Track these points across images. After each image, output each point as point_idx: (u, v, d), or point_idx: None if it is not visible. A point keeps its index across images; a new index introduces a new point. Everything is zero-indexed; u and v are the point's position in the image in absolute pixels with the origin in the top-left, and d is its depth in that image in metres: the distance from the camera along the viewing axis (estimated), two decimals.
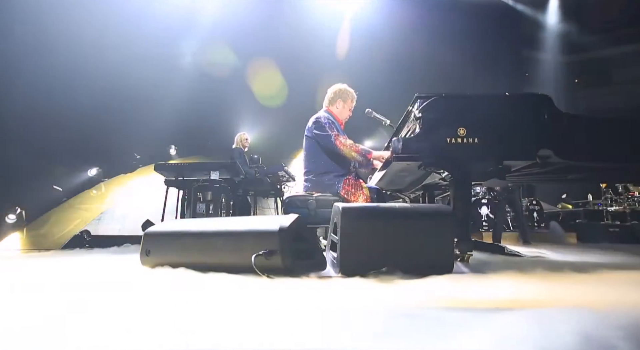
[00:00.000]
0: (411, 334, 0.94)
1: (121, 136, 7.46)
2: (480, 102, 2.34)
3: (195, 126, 8.57)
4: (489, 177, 2.45)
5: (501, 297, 1.41)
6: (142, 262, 2.14)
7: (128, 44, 7.35)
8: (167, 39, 8.18)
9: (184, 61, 8.60)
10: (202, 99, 8.72)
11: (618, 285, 1.69)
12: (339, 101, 3.03)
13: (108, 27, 7.17)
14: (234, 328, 1.01)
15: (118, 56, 7.25)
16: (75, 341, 0.92)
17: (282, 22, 9.01)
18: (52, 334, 0.97)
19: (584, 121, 2.38)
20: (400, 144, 2.20)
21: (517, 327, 0.92)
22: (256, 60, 8.72)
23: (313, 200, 2.78)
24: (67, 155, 6.99)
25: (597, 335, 0.83)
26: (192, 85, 8.44)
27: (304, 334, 0.93)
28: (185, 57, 8.62)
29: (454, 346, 0.85)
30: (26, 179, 6.24)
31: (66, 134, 6.64)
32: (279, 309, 1.23)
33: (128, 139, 7.62)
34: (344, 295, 1.47)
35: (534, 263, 2.50)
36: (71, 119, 6.66)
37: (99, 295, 1.53)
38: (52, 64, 6.54)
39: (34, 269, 2.62)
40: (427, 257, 1.86)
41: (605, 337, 0.82)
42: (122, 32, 7.19)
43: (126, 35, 7.22)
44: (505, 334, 0.88)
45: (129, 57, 7.46)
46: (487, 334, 0.89)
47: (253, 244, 1.83)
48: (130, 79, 7.54)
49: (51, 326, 1.04)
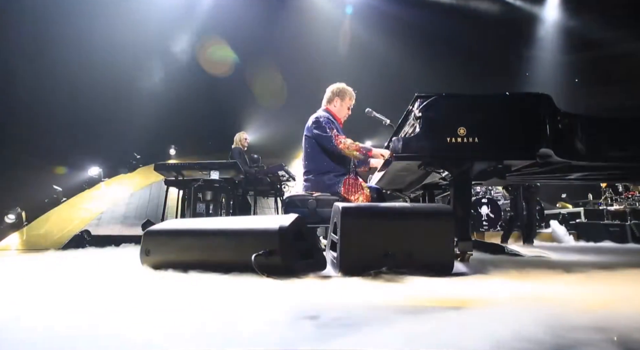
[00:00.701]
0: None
1: (121, 136, 7.47)
2: (480, 101, 2.34)
3: (195, 126, 8.58)
4: (489, 176, 2.45)
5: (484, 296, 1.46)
6: (142, 261, 2.14)
7: (128, 45, 7.35)
8: (167, 37, 8.19)
9: (184, 60, 8.60)
10: (203, 98, 8.73)
11: (597, 285, 1.69)
12: (336, 100, 3.04)
13: (109, 28, 7.17)
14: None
15: (118, 57, 7.25)
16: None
17: (282, 20, 9.01)
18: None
19: (584, 121, 2.38)
20: (400, 144, 2.20)
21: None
22: (256, 60, 8.71)
23: (313, 199, 2.77)
24: (67, 155, 6.99)
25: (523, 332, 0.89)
26: (192, 85, 8.45)
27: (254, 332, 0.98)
28: (185, 57, 8.62)
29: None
30: (26, 179, 6.24)
31: (66, 134, 6.64)
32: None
33: (128, 139, 7.63)
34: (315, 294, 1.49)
35: (533, 263, 2.51)
36: (71, 118, 6.66)
37: (90, 294, 1.53)
38: (52, 64, 6.54)
39: (29, 269, 2.62)
40: (427, 257, 1.86)
41: (534, 333, 0.90)
42: (123, 32, 7.19)
43: (127, 35, 7.22)
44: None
45: (129, 58, 7.46)
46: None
47: (253, 243, 1.83)
48: (130, 79, 7.55)
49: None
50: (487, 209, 6.62)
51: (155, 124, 7.67)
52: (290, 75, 8.76)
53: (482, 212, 6.62)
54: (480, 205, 6.64)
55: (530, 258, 3.10)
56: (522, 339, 0.86)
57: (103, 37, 7.06)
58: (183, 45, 8.49)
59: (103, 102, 7.12)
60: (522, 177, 2.89)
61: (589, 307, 1.20)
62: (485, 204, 6.65)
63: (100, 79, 7.04)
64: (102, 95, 7.09)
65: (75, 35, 6.80)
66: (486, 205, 6.64)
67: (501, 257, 3.18)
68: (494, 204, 6.72)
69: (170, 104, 7.98)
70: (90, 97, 6.92)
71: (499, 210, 6.71)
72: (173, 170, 4.38)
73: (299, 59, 8.91)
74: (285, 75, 8.83)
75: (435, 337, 0.91)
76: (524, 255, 3.23)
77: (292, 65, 8.80)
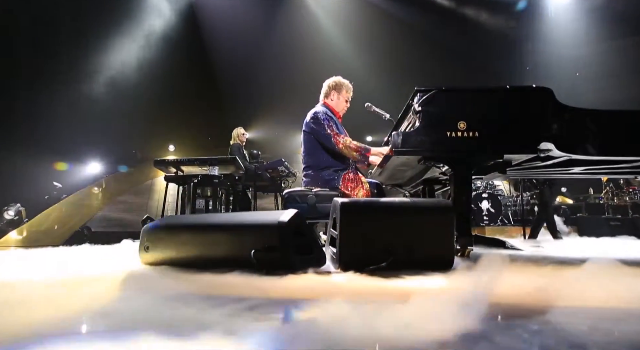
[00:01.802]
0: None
1: (121, 133, 7.45)
2: (480, 95, 2.31)
3: (194, 123, 8.56)
4: (489, 171, 2.43)
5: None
6: (141, 257, 2.13)
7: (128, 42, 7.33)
8: (168, 37, 8.15)
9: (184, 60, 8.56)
10: (202, 96, 8.70)
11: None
12: (333, 93, 3.03)
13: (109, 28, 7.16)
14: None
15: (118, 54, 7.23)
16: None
17: (282, 14, 8.96)
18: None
19: (585, 114, 2.35)
20: (400, 138, 2.18)
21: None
22: (256, 54, 8.67)
23: (312, 195, 2.76)
24: (67, 151, 6.98)
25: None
26: (191, 83, 8.42)
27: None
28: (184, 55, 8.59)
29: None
30: (26, 176, 6.24)
31: (66, 132, 6.63)
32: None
33: (128, 136, 7.62)
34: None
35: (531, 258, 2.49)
36: (71, 116, 6.64)
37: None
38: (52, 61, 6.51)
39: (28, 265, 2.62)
40: (428, 252, 1.85)
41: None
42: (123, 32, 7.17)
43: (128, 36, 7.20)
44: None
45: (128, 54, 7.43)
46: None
47: (252, 239, 1.82)
48: (130, 77, 7.52)
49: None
50: (488, 203, 6.61)
51: (154, 120, 7.65)
52: (291, 70, 8.72)
53: (482, 206, 6.61)
54: (481, 200, 6.63)
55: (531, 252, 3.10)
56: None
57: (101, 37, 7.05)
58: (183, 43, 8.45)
59: (103, 100, 7.10)
60: (523, 172, 2.87)
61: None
62: (486, 199, 6.64)
63: (100, 76, 7.03)
64: (103, 93, 7.08)
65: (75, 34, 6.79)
66: (487, 200, 6.63)
67: (502, 251, 3.17)
68: (495, 198, 6.71)
69: (170, 101, 7.96)
70: (90, 95, 6.90)
71: (499, 205, 6.70)
72: (172, 166, 4.37)
73: (299, 53, 8.87)
74: (285, 70, 8.80)
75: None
76: (525, 250, 3.23)
77: (292, 60, 8.76)
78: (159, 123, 7.86)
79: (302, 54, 8.90)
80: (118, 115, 7.17)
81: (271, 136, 9.14)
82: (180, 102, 8.18)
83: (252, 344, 0.88)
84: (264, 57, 8.70)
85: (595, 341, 0.91)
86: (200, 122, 8.59)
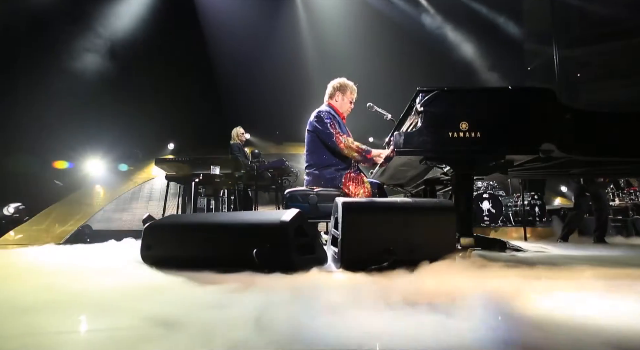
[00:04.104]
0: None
1: (122, 132, 7.45)
2: (482, 95, 2.32)
3: (195, 122, 8.55)
4: (491, 171, 2.43)
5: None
6: (143, 256, 2.13)
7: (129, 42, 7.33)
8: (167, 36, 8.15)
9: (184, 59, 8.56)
10: (203, 95, 8.70)
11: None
12: (338, 94, 3.05)
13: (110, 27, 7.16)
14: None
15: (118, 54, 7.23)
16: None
17: (284, 14, 8.96)
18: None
19: (587, 115, 2.35)
20: (402, 139, 2.19)
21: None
22: (258, 56, 8.67)
23: (314, 194, 2.76)
24: (68, 149, 6.98)
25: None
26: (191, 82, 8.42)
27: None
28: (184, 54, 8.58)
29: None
30: (27, 174, 6.24)
31: (67, 130, 6.63)
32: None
33: (128, 135, 7.61)
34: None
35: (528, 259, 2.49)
36: (71, 115, 6.65)
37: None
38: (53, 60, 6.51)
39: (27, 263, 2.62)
40: (429, 253, 1.85)
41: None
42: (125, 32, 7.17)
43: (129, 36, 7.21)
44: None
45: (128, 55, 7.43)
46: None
47: (254, 238, 1.82)
48: (130, 76, 7.52)
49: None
50: (489, 204, 6.61)
51: (155, 119, 7.65)
52: (294, 70, 8.72)
53: (483, 207, 6.61)
54: (482, 201, 6.63)
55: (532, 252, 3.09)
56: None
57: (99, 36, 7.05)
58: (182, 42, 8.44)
59: (104, 99, 7.10)
60: (524, 172, 2.87)
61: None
62: (487, 199, 6.64)
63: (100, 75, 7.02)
64: (103, 92, 7.08)
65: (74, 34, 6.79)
66: (487, 201, 6.63)
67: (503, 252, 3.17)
68: (496, 199, 6.71)
69: (171, 100, 7.96)
70: (90, 94, 6.90)
71: (500, 205, 6.70)
72: (174, 165, 4.38)
73: (301, 53, 8.87)
74: (288, 70, 8.79)
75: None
76: (526, 250, 3.23)
77: (293, 60, 8.75)
78: (159, 122, 7.86)
79: (303, 54, 8.90)
80: (118, 114, 7.17)
81: (271, 136, 9.15)
82: (180, 102, 8.19)
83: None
84: (265, 57, 8.70)
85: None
86: (200, 122, 8.59)
